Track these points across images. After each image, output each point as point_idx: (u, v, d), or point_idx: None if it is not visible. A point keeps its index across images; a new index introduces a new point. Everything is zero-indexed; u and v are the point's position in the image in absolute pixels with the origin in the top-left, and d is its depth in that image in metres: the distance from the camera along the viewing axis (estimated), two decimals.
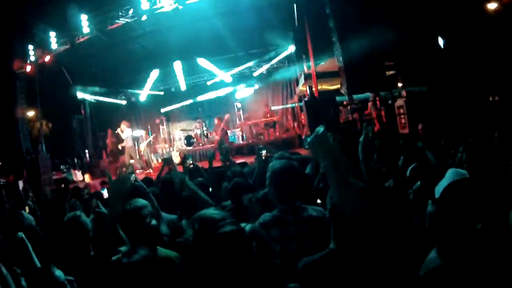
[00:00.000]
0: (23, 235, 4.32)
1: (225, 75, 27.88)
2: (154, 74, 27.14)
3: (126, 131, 22.78)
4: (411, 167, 5.56)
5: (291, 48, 24.91)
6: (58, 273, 4.17)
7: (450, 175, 3.29)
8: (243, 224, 3.09)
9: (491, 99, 18.13)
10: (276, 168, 4.49)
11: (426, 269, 2.61)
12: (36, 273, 4.12)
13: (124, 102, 29.88)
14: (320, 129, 2.77)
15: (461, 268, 2.40)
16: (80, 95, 26.08)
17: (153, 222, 4.38)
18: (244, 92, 28.20)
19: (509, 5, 18.24)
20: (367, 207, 2.81)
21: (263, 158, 7.50)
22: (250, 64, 27.26)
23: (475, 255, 2.41)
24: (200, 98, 28.22)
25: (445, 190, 2.91)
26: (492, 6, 18.64)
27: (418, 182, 4.84)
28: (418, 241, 3.19)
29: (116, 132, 23.64)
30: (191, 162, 9.88)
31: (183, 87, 28.31)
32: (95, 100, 27.93)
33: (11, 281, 3.88)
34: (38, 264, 4.29)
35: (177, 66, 26.51)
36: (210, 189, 7.00)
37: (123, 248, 4.07)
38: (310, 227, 4.17)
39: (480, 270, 2.35)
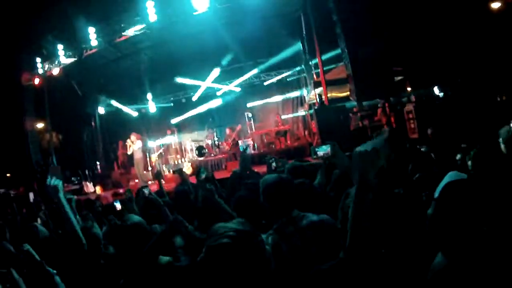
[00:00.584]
0: (29, 247, 4.36)
1: (234, 86, 27.99)
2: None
3: (136, 143, 22.82)
4: (416, 175, 5.55)
5: (300, 57, 24.97)
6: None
7: (449, 176, 3.32)
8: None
9: (499, 99, 18.10)
10: (267, 184, 4.47)
11: (433, 272, 2.63)
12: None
13: (135, 114, 30.03)
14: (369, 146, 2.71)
15: (467, 269, 2.42)
16: (91, 107, 26.26)
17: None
18: (254, 101, 28.31)
19: None
20: (381, 215, 2.83)
21: (273, 169, 7.48)
22: (255, 72, 27.33)
23: (480, 256, 2.43)
24: (209, 106, 28.46)
25: (443, 189, 2.92)
26: (495, 5, 18.63)
27: None
28: (428, 248, 3.21)
29: (126, 143, 23.69)
30: (205, 175, 9.80)
31: (194, 97, 28.52)
32: (106, 111, 28.10)
33: (23, 285, 3.92)
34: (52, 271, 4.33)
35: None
36: None
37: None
38: (314, 233, 4.12)
39: (486, 271, 2.37)
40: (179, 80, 27.01)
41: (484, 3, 18.77)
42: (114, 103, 28.28)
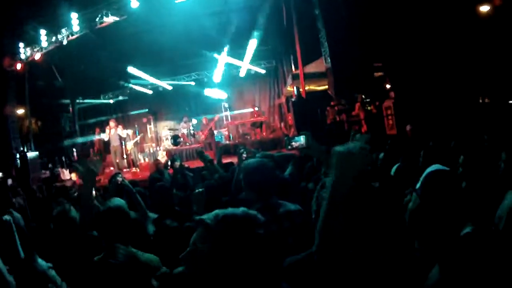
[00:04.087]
0: (10, 218, 4.29)
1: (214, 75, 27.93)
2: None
3: (115, 130, 22.69)
4: (395, 166, 5.55)
5: (279, 48, 24.99)
6: (40, 261, 4.17)
7: (430, 167, 3.27)
8: None
9: (481, 101, 18.24)
10: (249, 168, 4.47)
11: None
12: (19, 263, 4.10)
13: (111, 101, 29.91)
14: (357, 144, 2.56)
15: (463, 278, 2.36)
16: (70, 93, 26.09)
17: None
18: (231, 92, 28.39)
19: (500, 7, 18.35)
20: (356, 209, 2.79)
21: (243, 159, 7.49)
22: (239, 64, 27.20)
23: (468, 255, 2.39)
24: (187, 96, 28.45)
25: (426, 178, 2.88)
26: (484, 8, 18.74)
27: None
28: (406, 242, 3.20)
29: (104, 130, 23.55)
30: (179, 163, 9.90)
31: (170, 86, 28.46)
32: (83, 98, 27.94)
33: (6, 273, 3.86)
34: (22, 254, 4.27)
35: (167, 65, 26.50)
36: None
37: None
38: (290, 223, 4.14)
39: (476, 272, 2.32)
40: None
41: (472, 5, 18.86)
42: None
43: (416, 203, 2.80)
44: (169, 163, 11.66)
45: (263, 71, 28.14)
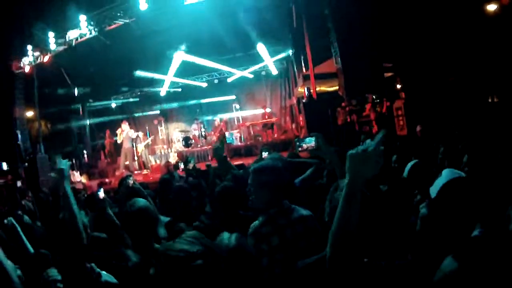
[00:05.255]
0: (13, 220, 4.26)
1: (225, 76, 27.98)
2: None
3: (127, 132, 22.72)
4: (409, 166, 5.44)
5: (290, 49, 24.97)
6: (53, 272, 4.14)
7: (446, 174, 3.20)
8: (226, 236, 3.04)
9: (490, 100, 18.12)
10: (262, 168, 4.37)
11: (443, 273, 2.49)
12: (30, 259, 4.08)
13: (121, 103, 29.97)
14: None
15: (479, 272, 2.32)
16: (80, 95, 26.15)
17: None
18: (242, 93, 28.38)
19: (508, 6, 18.23)
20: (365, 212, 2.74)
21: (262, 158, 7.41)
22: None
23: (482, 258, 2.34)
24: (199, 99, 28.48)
25: (442, 189, 2.84)
26: (491, 7, 18.62)
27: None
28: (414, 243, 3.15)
29: (116, 132, 23.56)
30: (193, 164, 9.87)
31: (181, 88, 28.53)
32: (94, 100, 28.00)
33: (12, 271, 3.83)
34: (32, 250, 4.24)
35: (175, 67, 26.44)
36: None
37: None
38: (303, 227, 4.11)
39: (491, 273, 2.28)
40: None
41: (480, 4, 18.73)
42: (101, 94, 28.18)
43: (429, 210, 2.77)
44: (182, 165, 11.59)
45: (275, 72, 28.16)
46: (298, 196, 5.35)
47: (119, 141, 23.12)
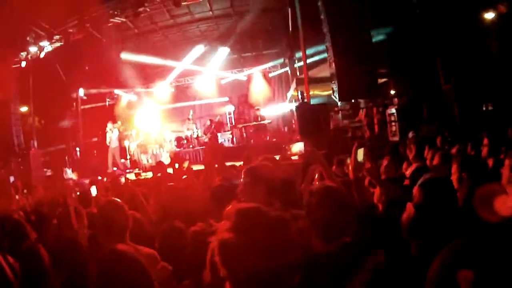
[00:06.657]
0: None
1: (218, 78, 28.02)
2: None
3: (113, 132, 22.71)
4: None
5: (284, 53, 25.02)
6: None
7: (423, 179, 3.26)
8: None
9: (484, 108, 18.21)
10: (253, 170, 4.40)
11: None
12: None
13: (116, 101, 29.92)
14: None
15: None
16: (74, 92, 26.10)
17: None
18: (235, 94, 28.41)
19: (505, 15, 18.31)
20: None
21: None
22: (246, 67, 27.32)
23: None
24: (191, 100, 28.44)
25: (421, 184, 2.89)
26: (489, 15, 18.70)
27: None
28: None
29: (106, 131, 23.52)
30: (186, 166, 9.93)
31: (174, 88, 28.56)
32: (87, 98, 27.93)
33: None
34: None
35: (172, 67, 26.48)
36: None
37: None
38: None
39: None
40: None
41: (477, 12, 18.80)
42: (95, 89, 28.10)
43: (411, 213, 2.82)
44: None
45: (269, 75, 28.18)
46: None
47: (107, 142, 23.07)
